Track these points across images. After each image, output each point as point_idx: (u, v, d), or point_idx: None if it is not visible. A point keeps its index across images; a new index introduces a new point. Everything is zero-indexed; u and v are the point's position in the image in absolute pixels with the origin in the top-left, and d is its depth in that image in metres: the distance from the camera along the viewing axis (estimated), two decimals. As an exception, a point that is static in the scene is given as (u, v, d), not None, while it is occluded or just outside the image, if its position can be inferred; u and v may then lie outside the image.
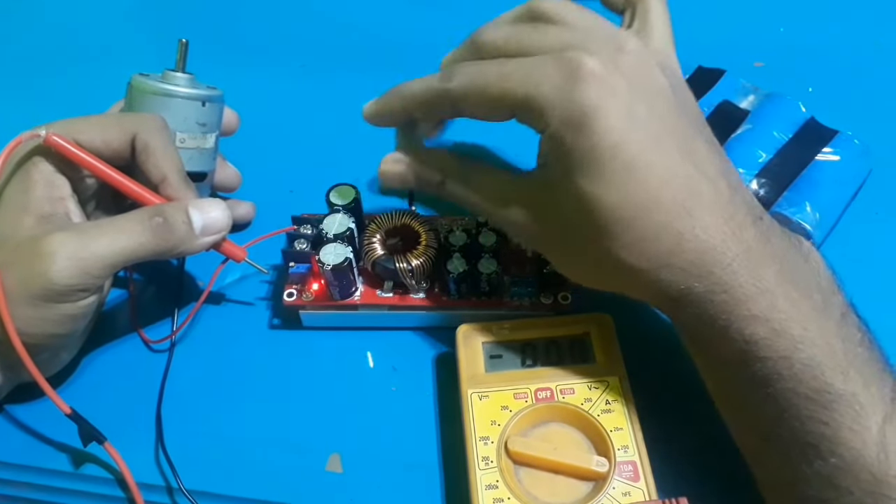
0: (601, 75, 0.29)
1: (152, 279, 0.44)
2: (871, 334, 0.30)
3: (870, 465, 0.27)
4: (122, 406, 0.38)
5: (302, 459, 0.36)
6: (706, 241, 0.29)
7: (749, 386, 0.29)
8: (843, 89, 0.50)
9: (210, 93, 0.40)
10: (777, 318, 0.28)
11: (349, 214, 0.39)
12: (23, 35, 0.62)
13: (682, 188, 0.29)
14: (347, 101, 0.53)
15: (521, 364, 0.36)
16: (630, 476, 0.32)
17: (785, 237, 0.31)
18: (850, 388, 0.27)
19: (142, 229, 0.34)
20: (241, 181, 0.45)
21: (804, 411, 0.28)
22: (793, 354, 0.28)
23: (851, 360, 0.28)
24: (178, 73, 0.39)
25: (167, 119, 0.38)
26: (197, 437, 0.37)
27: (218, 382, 0.39)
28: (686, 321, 0.31)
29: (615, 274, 0.31)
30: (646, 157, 0.29)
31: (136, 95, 0.39)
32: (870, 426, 0.27)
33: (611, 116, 0.29)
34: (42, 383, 0.33)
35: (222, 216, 0.37)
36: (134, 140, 0.36)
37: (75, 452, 0.37)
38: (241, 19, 0.62)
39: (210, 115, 0.40)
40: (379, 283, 0.39)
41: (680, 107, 0.31)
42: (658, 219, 0.29)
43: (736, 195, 0.30)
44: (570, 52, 0.30)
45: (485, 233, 0.39)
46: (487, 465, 0.32)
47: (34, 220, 0.34)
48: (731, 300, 0.29)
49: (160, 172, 0.36)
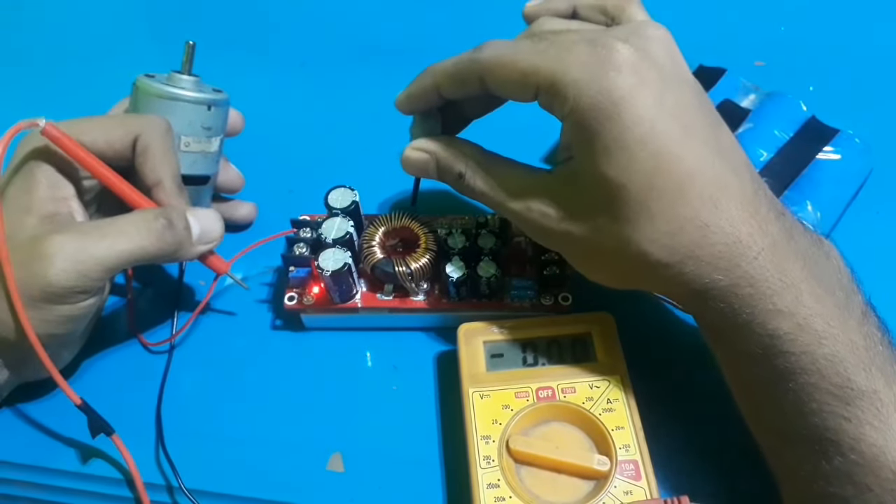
0: (634, 63, 0.29)
1: (155, 280, 0.44)
2: (889, 334, 0.29)
3: (891, 462, 0.26)
4: (124, 406, 0.38)
5: (303, 459, 0.36)
6: (732, 234, 0.29)
7: (771, 380, 0.29)
8: (844, 88, 0.50)
9: (216, 97, 0.40)
10: (802, 312, 0.28)
11: (348, 218, 0.39)
12: (23, 34, 0.62)
13: (709, 180, 0.29)
14: (347, 101, 0.53)
15: (522, 363, 0.36)
16: (631, 475, 0.32)
17: (807, 234, 0.30)
18: (873, 384, 0.27)
19: (145, 232, 0.34)
20: (243, 183, 0.45)
21: (826, 406, 0.27)
22: (816, 350, 0.28)
23: (873, 358, 0.28)
24: (183, 76, 0.39)
25: (172, 122, 0.38)
26: (199, 436, 0.37)
27: (219, 383, 0.39)
28: (709, 315, 0.30)
29: (638, 269, 0.30)
30: (674, 147, 0.29)
31: (140, 97, 0.38)
32: (891, 423, 0.27)
33: (641, 106, 0.28)
34: (55, 375, 0.33)
35: (217, 226, 0.37)
36: (136, 141, 0.36)
37: (80, 449, 0.37)
38: (241, 19, 0.62)
39: (215, 118, 0.40)
40: (379, 286, 0.39)
41: (703, 96, 0.31)
42: (684, 211, 0.29)
43: (759, 189, 0.30)
44: (604, 38, 0.30)
45: (484, 235, 0.39)
46: (489, 464, 0.32)
47: (37, 220, 0.34)
48: (757, 294, 0.28)
49: (156, 176, 0.36)
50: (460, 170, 0.35)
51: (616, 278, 0.33)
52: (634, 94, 0.28)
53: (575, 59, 0.29)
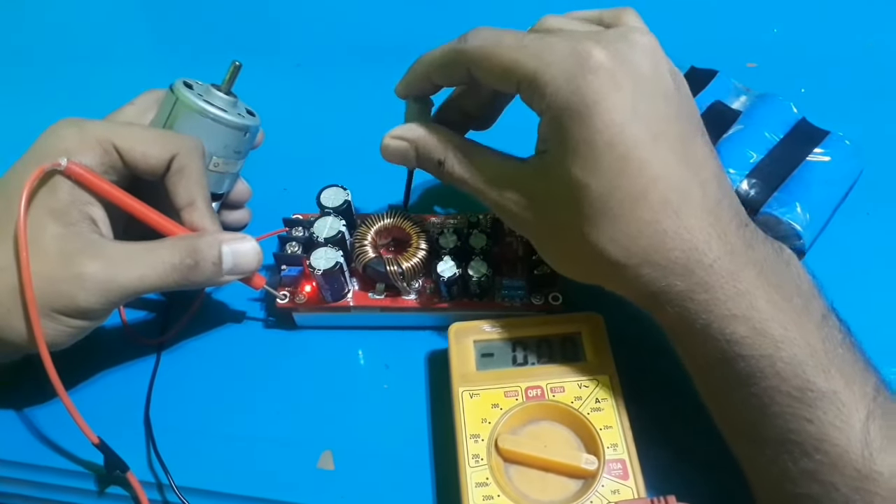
0: (610, 68, 0.29)
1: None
2: (852, 336, 0.30)
3: (854, 461, 0.27)
4: (114, 403, 0.38)
5: (294, 456, 0.36)
6: (689, 242, 0.29)
7: (733, 384, 0.30)
8: (834, 90, 0.50)
9: (254, 122, 0.39)
10: (757, 317, 0.29)
11: (340, 217, 0.40)
12: (25, 35, 0.62)
13: (672, 188, 0.30)
14: (342, 101, 0.53)
15: (512, 362, 0.36)
16: (619, 474, 0.32)
17: (767, 244, 0.31)
18: (832, 385, 0.28)
19: (171, 269, 0.34)
20: (251, 196, 0.44)
21: (788, 409, 0.28)
22: (774, 353, 0.28)
23: (832, 360, 0.28)
24: (222, 94, 0.39)
25: (207, 141, 0.37)
26: (189, 434, 0.37)
27: (210, 380, 0.39)
28: (667, 319, 0.31)
29: (598, 266, 0.31)
30: (641, 153, 0.29)
31: (179, 108, 0.37)
32: (853, 423, 0.27)
33: (612, 111, 0.29)
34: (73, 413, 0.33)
35: (254, 258, 0.36)
36: (172, 160, 0.36)
37: (80, 447, 0.37)
38: (237, 20, 0.62)
39: (248, 143, 0.40)
40: (371, 285, 0.40)
41: (681, 107, 0.31)
42: (645, 215, 0.29)
43: (724, 200, 0.31)
44: (586, 40, 0.30)
45: (475, 235, 0.39)
46: (478, 462, 0.33)
47: (61, 228, 0.33)
48: (712, 300, 0.29)
49: (189, 197, 0.36)
50: (440, 157, 0.35)
51: (580, 272, 0.33)
52: (607, 98, 0.29)
53: (554, 59, 0.30)
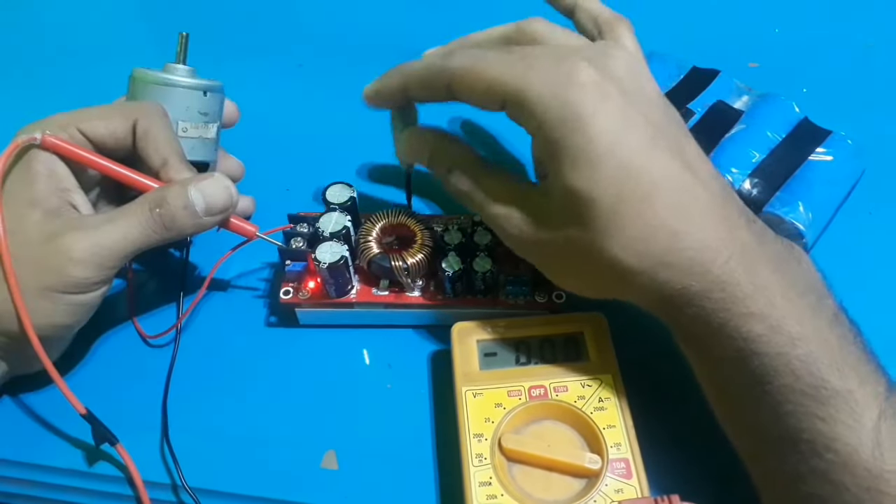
0: (596, 81, 0.30)
1: (150, 276, 0.44)
2: (861, 335, 0.30)
3: (865, 460, 0.27)
4: (117, 401, 0.38)
5: (297, 456, 0.36)
6: (702, 240, 0.29)
7: (746, 383, 0.29)
8: (836, 90, 0.50)
9: (211, 83, 0.40)
10: (774, 314, 0.29)
11: (345, 213, 0.40)
12: (23, 33, 0.62)
13: (677, 189, 0.30)
14: (345, 99, 0.53)
15: (515, 362, 0.36)
16: (622, 473, 0.32)
17: (777, 240, 0.31)
18: (846, 384, 0.28)
19: (148, 221, 0.35)
20: (244, 172, 0.45)
21: (801, 407, 0.28)
22: (790, 351, 0.28)
23: (846, 358, 0.28)
24: (178, 65, 0.40)
25: (169, 109, 0.38)
26: (193, 433, 0.37)
27: (213, 380, 0.39)
28: (682, 321, 0.31)
29: (611, 277, 0.31)
30: (640, 158, 0.29)
31: (137, 86, 0.39)
32: (865, 422, 0.27)
33: (605, 120, 0.29)
34: (60, 383, 0.33)
35: (223, 193, 0.36)
36: (135, 127, 0.36)
37: (81, 447, 0.37)
38: (239, 17, 0.62)
39: (211, 104, 0.40)
40: (375, 282, 0.40)
41: (668, 112, 0.32)
42: (653, 219, 0.29)
43: (728, 198, 0.31)
44: (569, 55, 0.30)
45: (480, 231, 0.39)
46: (481, 462, 0.33)
47: (42, 214, 0.34)
48: (729, 298, 0.29)
49: (160, 157, 0.37)
50: (450, 165, 0.35)
51: (592, 287, 0.33)
52: (598, 108, 0.29)
53: (540, 75, 0.30)
